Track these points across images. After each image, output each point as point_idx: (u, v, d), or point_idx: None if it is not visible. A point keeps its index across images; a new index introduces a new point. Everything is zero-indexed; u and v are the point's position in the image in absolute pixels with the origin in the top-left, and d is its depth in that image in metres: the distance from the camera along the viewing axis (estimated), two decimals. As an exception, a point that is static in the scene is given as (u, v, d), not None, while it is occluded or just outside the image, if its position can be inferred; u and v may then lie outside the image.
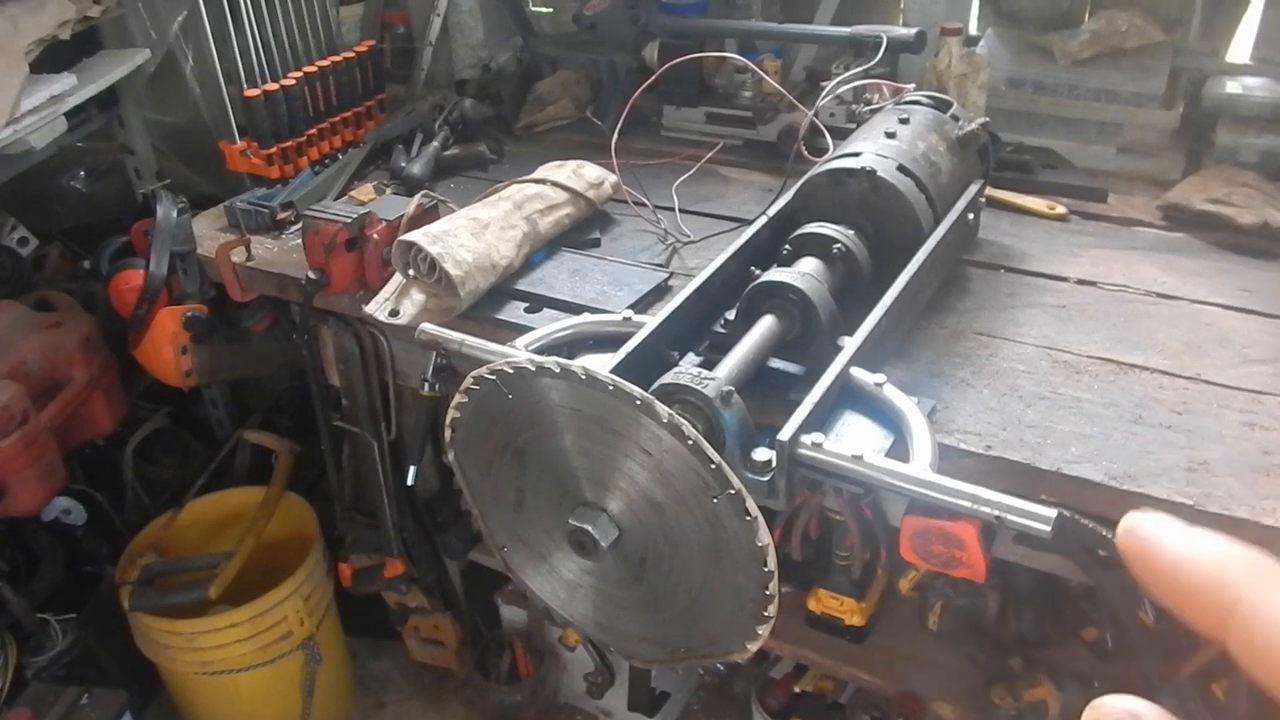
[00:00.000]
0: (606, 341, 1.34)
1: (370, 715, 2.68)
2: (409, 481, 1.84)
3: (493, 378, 1.02)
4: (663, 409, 0.91)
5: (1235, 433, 1.26)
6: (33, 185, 2.43)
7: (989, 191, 1.76)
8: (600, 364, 1.11)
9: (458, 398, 1.08)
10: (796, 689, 2.13)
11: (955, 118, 1.63)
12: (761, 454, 1.07)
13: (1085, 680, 1.72)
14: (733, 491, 0.91)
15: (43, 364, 2.04)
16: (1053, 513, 0.96)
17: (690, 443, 0.90)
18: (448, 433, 1.13)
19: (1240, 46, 2.17)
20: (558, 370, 0.95)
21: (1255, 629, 0.33)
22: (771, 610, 0.98)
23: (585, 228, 1.86)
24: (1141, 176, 2.02)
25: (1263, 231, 1.72)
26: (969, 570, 1.22)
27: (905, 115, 1.59)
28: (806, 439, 1.07)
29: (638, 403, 0.91)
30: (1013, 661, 1.80)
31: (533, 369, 0.97)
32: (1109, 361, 1.41)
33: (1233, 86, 1.99)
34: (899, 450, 1.11)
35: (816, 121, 1.79)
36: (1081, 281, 1.64)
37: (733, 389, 1.08)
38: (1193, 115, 2.08)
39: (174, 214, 1.92)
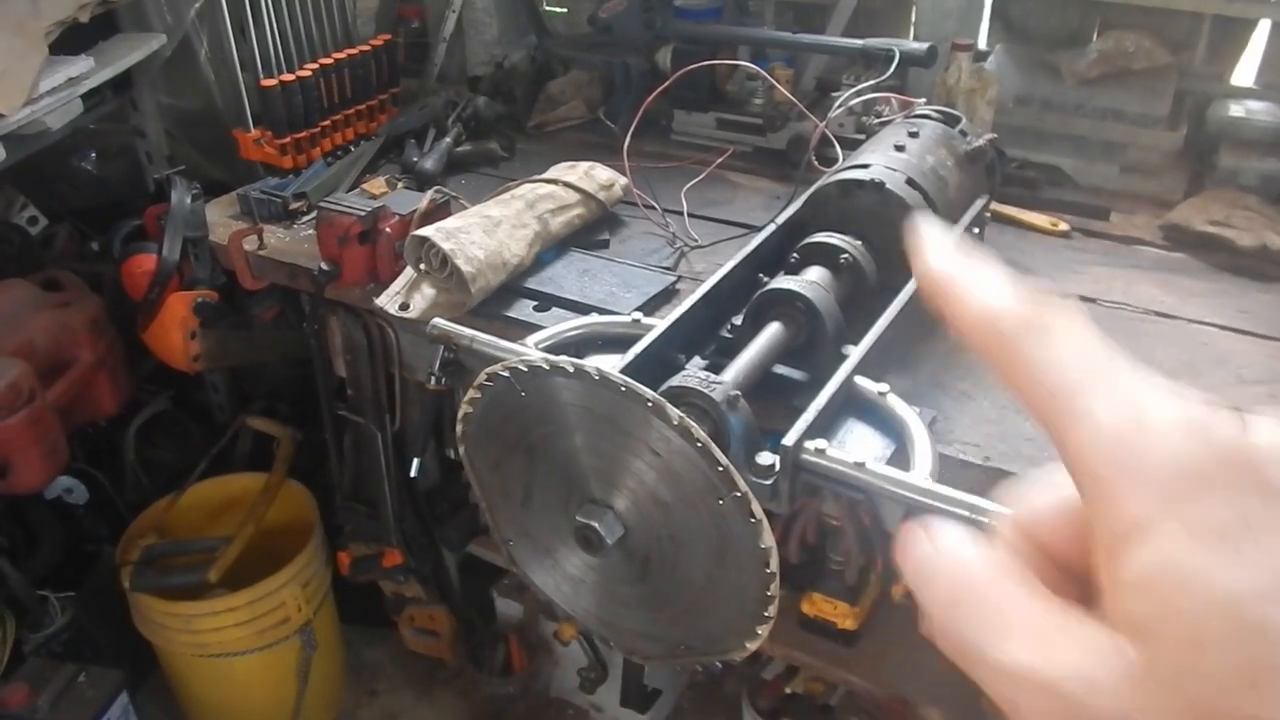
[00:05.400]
0: (615, 342, 1.36)
1: (362, 703, 2.70)
2: (412, 473, 1.86)
3: (507, 375, 1.04)
4: (673, 411, 0.93)
5: (1228, 452, 1.28)
6: (43, 165, 2.44)
7: (994, 206, 1.79)
8: (609, 365, 1.13)
9: (470, 393, 1.10)
10: (787, 690, 2.16)
11: (963, 133, 1.65)
12: (765, 458, 1.09)
13: (1072, 690, 1.75)
14: (739, 494, 0.94)
15: (50, 343, 2.05)
16: (1048, 525, 0.98)
17: (699, 445, 0.92)
18: (459, 427, 1.15)
19: (1245, 71, 2.20)
20: (571, 370, 0.97)
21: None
22: (771, 611, 1.00)
23: (595, 229, 1.88)
24: (1144, 196, 2.04)
25: (1262, 254, 1.75)
26: (963, 578, 1.24)
27: (914, 129, 1.61)
28: (810, 445, 1.09)
29: (649, 404, 0.94)
30: (1001, 669, 1.82)
31: (547, 368, 0.99)
32: (1107, 378, 1.44)
33: (1236, 110, 2.01)
34: (900, 459, 1.14)
35: (827, 132, 1.81)
36: (1082, 298, 1.66)
37: (739, 393, 1.10)
38: (1196, 137, 2.10)
39: (188, 200, 1.94)
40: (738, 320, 1.36)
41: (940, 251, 0.39)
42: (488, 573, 2.47)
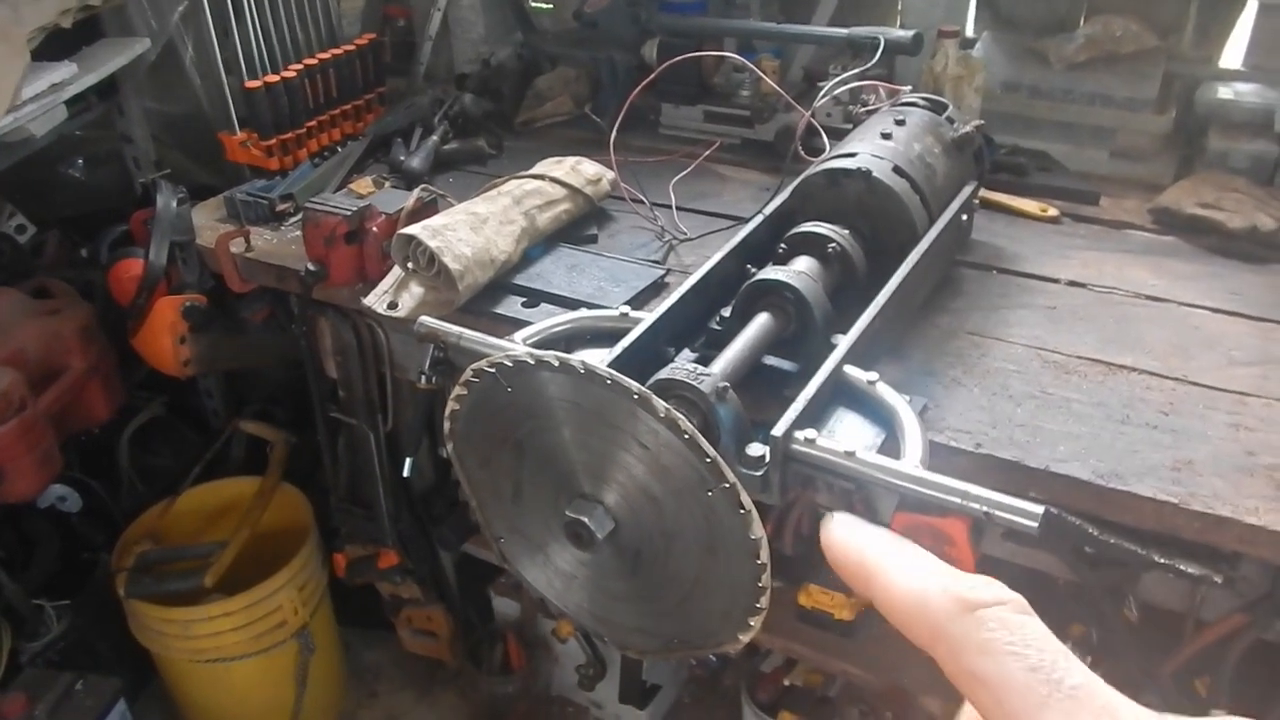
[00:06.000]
0: (603, 336, 1.35)
1: (362, 705, 2.69)
2: (405, 473, 1.85)
3: (492, 371, 1.03)
4: (660, 403, 0.92)
5: (1220, 433, 1.28)
6: (31, 173, 2.43)
7: (983, 193, 1.78)
8: (597, 359, 1.13)
9: (457, 390, 1.09)
10: (786, 682, 2.16)
11: (950, 120, 1.65)
12: (755, 449, 1.08)
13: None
14: (727, 485, 0.93)
15: (41, 351, 2.05)
16: (1040, 509, 0.97)
17: (686, 437, 0.91)
18: (446, 425, 1.14)
19: (1233, 53, 2.20)
20: (557, 364, 0.96)
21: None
22: (764, 603, 0.99)
23: (583, 224, 1.87)
24: (1133, 180, 2.04)
25: (1251, 236, 1.74)
26: (958, 566, 1.24)
27: (901, 117, 1.61)
28: (800, 435, 1.08)
29: (635, 397, 0.93)
30: (1000, 657, 1.82)
31: (532, 363, 0.98)
32: (1098, 362, 1.43)
33: (1224, 92, 2.01)
34: (891, 447, 1.13)
35: (813, 121, 1.80)
36: (1072, 283, 1.66)
37: (728, 385, 1.10)
38: (1185, 120, 2.10)
39: (174, 204, 1.93)
40: (726, 312, 1.35)
41: (856, 529, 0.39)
42: (484, 572, 2.47)
